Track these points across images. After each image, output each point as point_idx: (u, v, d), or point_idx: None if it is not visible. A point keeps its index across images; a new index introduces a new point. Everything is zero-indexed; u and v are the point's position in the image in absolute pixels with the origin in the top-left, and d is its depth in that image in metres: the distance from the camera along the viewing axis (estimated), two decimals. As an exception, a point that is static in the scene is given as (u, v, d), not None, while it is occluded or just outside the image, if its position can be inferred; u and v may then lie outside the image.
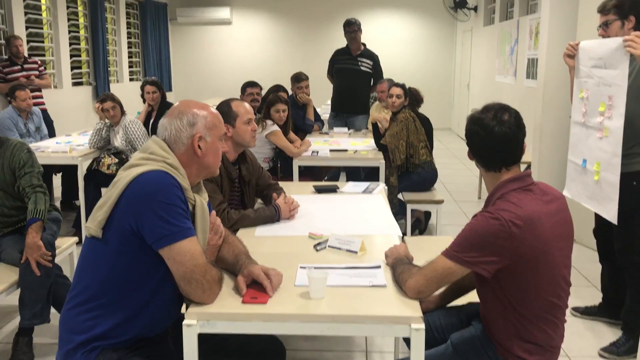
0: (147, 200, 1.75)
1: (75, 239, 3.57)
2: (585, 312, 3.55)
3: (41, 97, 6.73)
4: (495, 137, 1.90)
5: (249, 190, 3.05)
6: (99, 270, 1.82)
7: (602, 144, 2.93)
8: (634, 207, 2.96)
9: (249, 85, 5.61)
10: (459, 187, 7.23)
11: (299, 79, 5.98)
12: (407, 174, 4.93)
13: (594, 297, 3.72)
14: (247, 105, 2.98)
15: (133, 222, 1.76)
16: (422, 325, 1.74)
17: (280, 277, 1.95)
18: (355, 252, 2.30)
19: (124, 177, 1.81)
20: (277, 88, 5.61)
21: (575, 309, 3.58)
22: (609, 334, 3.34)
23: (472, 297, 2.17)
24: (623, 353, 3.10)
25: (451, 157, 9.55)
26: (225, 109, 2.89)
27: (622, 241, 3.09)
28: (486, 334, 1.99)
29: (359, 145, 5.23)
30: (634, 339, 3.05)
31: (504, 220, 1.80)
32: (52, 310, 3.05)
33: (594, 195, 3.03)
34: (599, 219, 3.33)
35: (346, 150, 4.99)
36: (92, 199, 4.97)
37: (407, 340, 1.90)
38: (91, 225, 1.82)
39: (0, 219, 3.13)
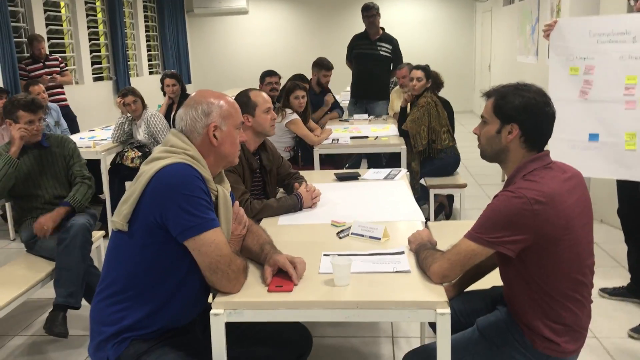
0: (171, 193, 1.77)
1: (102, 232, 3.63)
2: (614, 293, 3.51)
3: (63, 93, 6.82)
4: (552, 118, 1.94)
5: (271, 179, 3.07)
6: (126, 263, 1.85)
7: (636, 114, 2.98)
8: None
9: (268, 74, 5.60)
10: (483, 170, 7.15)
11: (325, 66, 5.97)
12: (430, 159, 4.90)
13: (622, 278, 3.68)
14: (264, 94, 3.01)
15: (158, 215, 1.78)
16: (448, 310, 1.74)
17: (304, 265, 1.97)
18: (379, 239, 2.30)
19: (147, 171, 1.83)
20: (299, 77, 5.57)
21: (603, 290, 3.55)
22: (639, 315, 3.31)
23: (493, 279, 2.15)
24: (653, 333, 3.07)
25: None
26: (244, 99, 2.92)
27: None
28: (512, 316, 1.98)
29: (379, 132, 5.20)
30: (664, 319, 3.02)
31: (527, 198, 1.78)
32: (83, 302, 3.12)
33: (623, 163, 3.07)
34: (622, 198, 3.29)
35: (367, 137, 4.97)
36: (117, 192, 5.06)
37: (432, 325, 1.90)
38: (117, 219, 1.85)
39: (47, 207, 3.25)
